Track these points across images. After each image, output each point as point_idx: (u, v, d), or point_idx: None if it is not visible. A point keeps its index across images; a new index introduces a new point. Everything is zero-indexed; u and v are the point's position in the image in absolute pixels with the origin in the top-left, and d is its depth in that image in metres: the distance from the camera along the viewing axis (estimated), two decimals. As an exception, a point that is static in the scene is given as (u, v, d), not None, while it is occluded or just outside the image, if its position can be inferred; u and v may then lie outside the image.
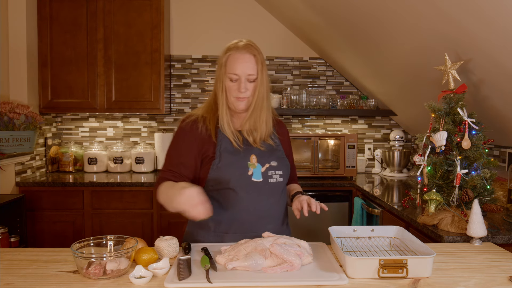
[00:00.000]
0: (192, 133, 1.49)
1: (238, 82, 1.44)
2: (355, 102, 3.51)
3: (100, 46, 3.21)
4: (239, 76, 1.43)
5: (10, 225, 2.69)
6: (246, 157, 1.47)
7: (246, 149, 1.49)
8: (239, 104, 1.46)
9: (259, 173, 1.47)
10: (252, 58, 1.43)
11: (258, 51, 1.46)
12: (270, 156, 1.51)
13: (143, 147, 3.46)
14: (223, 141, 1.48)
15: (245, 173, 1.46)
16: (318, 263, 1.25)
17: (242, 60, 1.42)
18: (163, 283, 1.09)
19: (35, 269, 1.21)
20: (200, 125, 1.49)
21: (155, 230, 3.00)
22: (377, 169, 3.61)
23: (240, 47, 1.44)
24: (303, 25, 3.26)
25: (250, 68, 1.43)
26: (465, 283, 1.12)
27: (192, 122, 1.51)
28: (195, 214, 1.23)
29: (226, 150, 1.46)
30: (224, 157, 1.46)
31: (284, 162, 1.55)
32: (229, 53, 1.44)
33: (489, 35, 1.65)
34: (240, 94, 1.43)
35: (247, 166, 1.46)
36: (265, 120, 1.50)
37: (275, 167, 1.51)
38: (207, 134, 1.48)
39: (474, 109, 1.81)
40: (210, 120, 1.51)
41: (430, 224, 1.73)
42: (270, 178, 1.49)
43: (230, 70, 1.43)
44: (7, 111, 2.68)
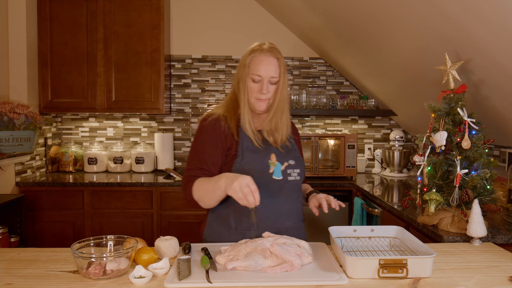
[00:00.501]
0: (216, 130, 1.52)
1: (260, 83, 1.48)
2: (355, 102, 3.51)
3: (100, 46, 3.21)
4: (262, 78, 1.47)
5: (10, 225, 2.69)
6: (267, 156, 1.51)
7: (266, 148, 1.53)
8: (260, 105, 1.50)
9: (279, 171, 1.51)
10: (275, 61, 1.48)
11: (281, 55, 1.51)
12: (287, 155, 1.55)
13: (143, 147, 3.47)
14: (244, 139, 1.51)
15: (266, 171, 1.49)
16: (318, 263, 1.25)
17: (266, 62, 1.46)
18: (163, 283, 1.09)
19: (35, 269, 1.21)
20: (223, 123, 1.53)
21: (155, 230, 3.00)
22: (377, 169, 3.61)
23: (264, 49, 1.48)
24: (303, 25, 3.26)
25: (273, 70, 1.47)
26: (465, 283, 1.12)
27: (214, 120, 1.54)
28: (249, 201, 1.28)
29: (248, 149, 1.50)
30: (247, 155, 1.49)
31: (300, 161, 1.60)
32: (253, 55, 1.48)
33: (489, 35, 1.65)
34: (261, 95, 1.48)
35: (268, 164, 1.50)
36: (286, 122, 1.56)
37: (293, 165, 1.55)
38: (229, 132, 1.52)
39: (474, 109, 1.81)
40: (231, 119, 1.54)
41: (430, 224, 1.73)
42: (289, 176, 1.53)
43: (253, 71, 1.47)
44: (7, 111, 2.68)
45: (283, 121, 1.54)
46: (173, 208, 3.01)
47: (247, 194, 1.27)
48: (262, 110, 1.52)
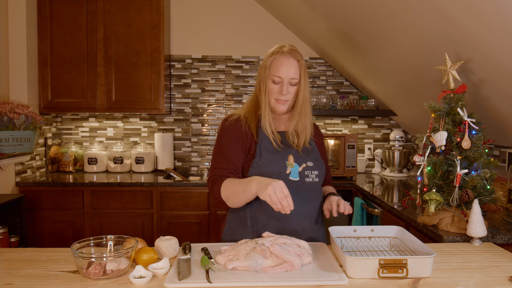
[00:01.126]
0: (236, 130, 1.55)
1: (280, 85, 1.51)
2: (355, 102, 3.51)
3: (100, 46, 3.21)
4: (282, 79, 1.50)
5: (10, 225, 2.69)
6: (285, 157, 1.52)
7: (285, 149, 1.54)
8: (279, 106, 1.53)
9: (296, 173, 1.52)
10: (295, 62, 1.51)
11: (301, 57, 1.54)
12: (306, 157, 1.56)
13: (143, 147, 3.47)
14: (263, 140, 1.53)
15: (283, 171, 1.50)
16: (318, 263, 1.25)
17: (286, 64, 1.50)
18: (163, 283, 1.09)
19: (35, 269, 1.21)
20: (243, 124, 1.56)
21: (155, 230, 3.00)
22: (377, 169, 3.61)
23: (285, 51, 1.51)
24: (303, 25, 3.26)
25: (293, 72, 1.50)
26: (465, 283, 1.12)
27: (235, 121, 1.57)
28: (284, 205, 1.28)
29: (266, 149, 1.52)
30: (264, 155, 1.51)
31: (320, 163, 1.60)
32: (274, 57, 1.51)
33: (489, 35, 1.65)
34: (281, 96, 1.51)
35: (285, 165, 1.51)
36: (309, 123, 1.58)
37: (312, 167, 1.56)
38: (249, 132, 1.55)
39: (474, 109, 1.81)
40: (251, 120, 1.57)
41: (430, 224, 1.73)
42: (307, 177, 1.54)
43: (274, 72, 1.50)
44: (7, 111, 2.68)
45: (307, 122, 1.57)
46: (173, 208, 3.01)
47: (281, 199, 1.28)
48: (282, 111, 1.55)
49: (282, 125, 1.62)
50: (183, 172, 3.40)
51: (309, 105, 1.58)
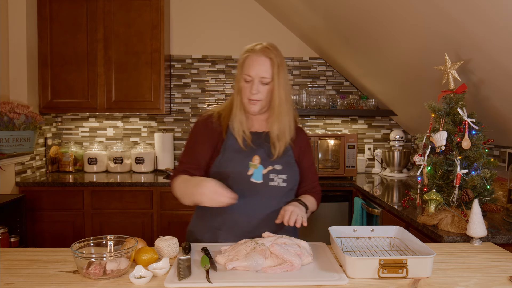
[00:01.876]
0: (206, 126, 1.54)
1: (251, 84, 1.46)
2: (355, 102, 3.51)
3: (100, 46, 3.21)
4: (252, 78, 1.46)
5: (10, 225, 2.69)
6: (249, 157, 1.48)
7: (252, 149, 1.50)
8: (251, 106, 1.48)
9: (259, 175, 1.48)
10: (267, 61, 1.45)
11: (276, 55, 1.46)
12: (276, 159, 1.50)
13: (143, 147, 3.46)
14: (229, 138, 1.51)
15: (244, 172, 1.47)
16: (318, 263, 1.25)
17: (257, 62, 1.45)
18: (163, 283, 1.09)
19: (35, 269, 1.21)
20: (214, 120, 1.54)
21: (155, 230, 3.00)
22: (377, 169, 3.61)
23: (257, 49, 1.47)
24: (303, 25, 3.26)
25: (264, 71, 1.44)
26: (465, 283, 1.12)
27: (207, 116, 1.56)
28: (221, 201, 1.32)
29: (231, 148, 1.50)
30: (227, 154, 1.49)
31: (291, 168, 1.54)
32: (246, 55, 1.48)
33: (489, 35, 1.65)
34: (251, 95, 1.46)
35: (248, 165, 1.47)
36: (288, 123, 1.51)
37: (279, 171, 1.50)
38: (219, 129, 1.53)
39: (474, 109, 1.81)
40: (224, 117, 1.55)
41: (430, 224, 1.73)
42: (271, 181, 1.49)
43: (245, 71, 1.46)
44: (7, 111, 2.68)
45: (284, 122, 1.49)
46: (173, 208, 3.00)
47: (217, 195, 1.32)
48: (253, 111, 1.49)
49: (257, 125, 1.56)
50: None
51: (287, 106, 1.49)
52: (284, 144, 1.51)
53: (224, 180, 1.45)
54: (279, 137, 1.50)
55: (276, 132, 1.50)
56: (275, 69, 1.45)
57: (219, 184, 1.34)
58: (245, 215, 1.48)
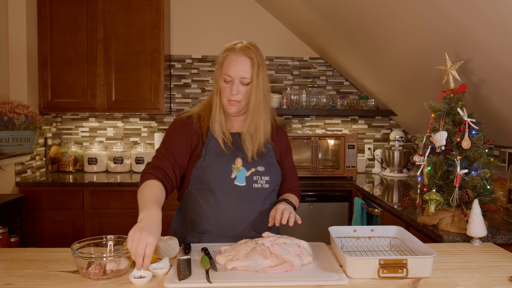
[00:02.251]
0: (186, 127, 1.48)
1: (231, 84, 1.42)
2: (355, 102, 3.51)
3: (100, 46, 3.21)
4: (232, 78, 1.41)
5: (10, 225, 2.69)
6: (232, 160, 1.45)
7: (233, 152, 1.46)
8: (230, 107, 1.45)
9: (243, 177, 1.45)
10: (247, 61, 1.41)
11: (256, 54, 1.42)
12: (258, 161, 1.48)
13: (143, 147, 3.46)
14: (211, 141, 1.47)
15: (227, 175, 1.44)
16: (318, 263, 1.25)
17: (237, 62, 1.40)
18: (163, 283, 1.09)
19: (35, 269, 1.21)
20: (195, 121, 1.49)
21: (155, 230, 3.00)
22: (377, 169, 3.61)
23: (237, 48, 1.42)
24: (303, 25, 3.26)
25: (244, 71, 1.40)
26: (465, 283, 1.12)
27: (187, 117, 1.51)
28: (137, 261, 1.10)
29: (213, 151, 1.45)
30: (209, 157, 1.45)
31: (274, 169, 1.52)
32: (226, 54, 1.43)
33: (489, 35, 1.65)
34: (231, 96, 1.42)
35: (231, 169, 1.45)
36: (263, 125, 1.47)
37: (262, 172, 1.48)
38: (199, 131, 1.48)
39: (474, 109, 1.81)
40: (204, 119, 1.50)
41: (430, 224, 1.73)
42: (255, 183, 1.47)
43: (224, 71, 1.42)
44: (7, 111, 2.68)
45: (260, 123, 1.46)
46: (173, 208, 2.98)
47: (137, 254, 1.08)
48: (232, 112, 1.46)
49: (236, 126, 1.53)
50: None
51: (264, 106, 1.45)
52: (258, 145, 1.47)
53: (206, 184, 1.44)
54: (252, 137, 1.47)
55: (248, 130, 1.47)
56: (255, 69, 1.41)
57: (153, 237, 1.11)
58: (230, 219, 1.46)
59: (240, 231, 1.46)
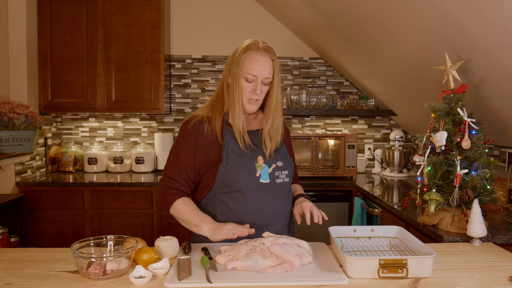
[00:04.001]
0: (197, 135, 1.46)
1: (254, 84, 1.43)
2: (355, 102, 3.51)
3: (100, 46, 3.21)
4: (257, 78, 1.42)
5: (10, 225, 2.69)
6: (253, 159, 1.47)
7: (253, 150, 1.48)
8: (251, 106, 1.46)
9: (266, 174, 1.47)
10: (270, 61, 1.44)
11: (275, 56, 1.47)
12: (276, 157, 1.51)
13: (143, 147, 3.46)
14: (229, 142, 1.46)
15: (253, 174, 1.45)
16: (318, 263, 1.25)
17: (262, 62, 1.42)
18: (163, 283, 1.09)
19: (35, 269, 1.21)
20: (206, 126, 1.47)
21: (155, 230, 3.00)
22: (377, 169, 3.61)
23: (260, 48, 1.43)
24: (303, 25, 3.26)
25: (268, 71, 1.43)
26: (465, 283, 1.12)
27: (197, 123, 1.48)
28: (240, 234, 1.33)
29: (233, 152, 1.45)
30: (232, 159, 1.44)
31: (289, 162, 1.55)
32: (248, 53, 1.42)
33: (489, 35, 1.65)
34: (254, 95, 1.44)
35: (255, 167, 1.46)
36: (281, 123, 1.53)
37: (281, 167, 1.51)
38: (212, 135, 1.46)
39: (474, 109, 1.81)
40: (216, 121, 1.48)
41: (430, 224, 1.73)
42: (277, 178, 1.49)
43: (248, 70, 1.41)
44: (7, 111, 2.68)
45: (279, 123, 1.51)
46: (173, 208, 3.00)
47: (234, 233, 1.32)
48: (252, 111, 1.48)
49: (249, 124, 1.54)
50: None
51: (281, 107, 1.52)
52: (275, 142, 1.51)
53: (234, 186, 1.44)
54: (271, 136, 1.50)
55: (268, 131, 1.50)
56: (276, 70, 1.46)
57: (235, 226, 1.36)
58: (260, 217, 1.47)
59: (269, 227, 1.48)
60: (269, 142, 1.50)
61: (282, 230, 1.51)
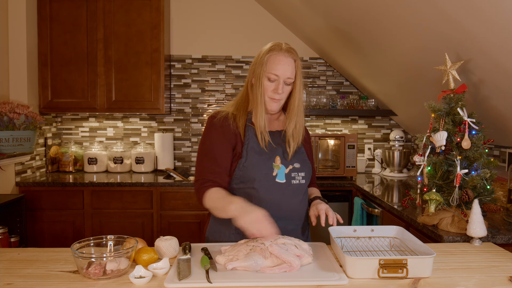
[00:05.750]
0: (224, 128, 1.50)
1: (276, 83, 1.46)
2: (355, 102, 3.51)
3: (100, 46, 3.21)
4: (279, 77, 1.45)
5: (10, 225, 2.69)
6: (272, 158, 1.49)
7: (272, 150, 1.50)
8: (273, 105, 1.49)
9: (282, 175, 1.49)
10: (293, 62, 1.47)
11: (298, 57, 1.49)
12: (293, 158, 1.53)
13: (143, 147, 3.47)
14: (250, 140, 1.49)
15: (270, 173, 1.47)
16: (318, 263, 1.25)
17: (284, 62, 1.45)
18: (163, 283, 1.09)
19: (35, 269, 1.21)
20: (231, 122, 1.51)
21: (155, 230, 3.00)
22: (377, 169, 3.61)
23: (283, 49, 1.47)
24: (303, 25, 3.26)
25: (290, 71, 1.46)
26: (465, 283, 1.12)
27: (223, 118, 1.52)
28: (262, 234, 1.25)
29: (253, 150, 1.48)
30: (251, 157, 1.47)
31: (307, 165, 1.57)
32: (271, 53, 1.46)
33: (489, 35, 1.65)
34: (275, 95, 1.47)
35: (272, 167, 1.48)
36: (303, 124, 1.57)
37: (298, 169, 1.53)
38: (237, 131, 1.50)
39: (474, 109, 1.81)
40: (240, 118, 1.52)
41: (430, 224, 1.73)
42: (293, 179, 1.51)
43: (270, 69, 1.45)
44: (7, 111, 2.68)
45: (302, 125, 1.55)
46: (173, 208, 3.01)
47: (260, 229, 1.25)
48: (274, 110, 1.51)
49: (272, 124, 1.57)
50: (183, 172, 3.40)
51: (303, 108, 1.55)
52: (297, 143, 1.54)
53: (250, 183, 1.46)
54: (294, 137, 1.53)
55: (292, 132, 1.53)
56: (298, 71, 1.49)
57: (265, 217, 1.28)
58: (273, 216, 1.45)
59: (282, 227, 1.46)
60: (292, 141, 1.53)
61: (294, 231, 1.52)
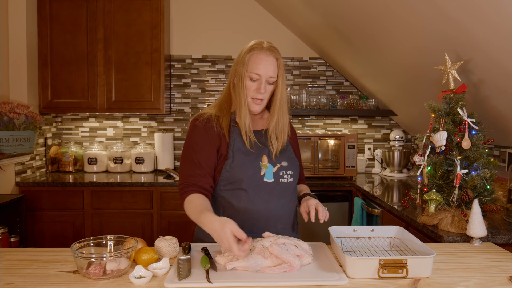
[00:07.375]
0: (207, 130, 1.48)
1: (258, 82, 1.44)
2: (355, 102, 3.51)
3: (100, 46, 3.21)
4: (261, 76, 1.43)
5: (10, 225, 2.69)
6: (259, 158, 1.47)
7: (259, 149, 1.49)
8: (255, 105, 1.47)
9: (270, 174, 1.48)
10: (275, 61, 1.45)
11: (280, 55, 1.47)
12: (280, 156, 1.52)
13: (143, 147, 3.46)
14: (236, 141, 1.47)
15: (258, 173, 1.46)
16: (318, 263, 1.25)
17: (266, 61, 1.43)
18: (163, 283, 1.09)
19: (35, 269, 1.21)
20: (214, 124, 1.49)
21: (155, 230, 3.00)
22: (377, 169, 3.61)
23: (264, 47, 1.44)
24: (304, 25, 3.26)
25: (272, 70, 1.44)
26: (465, 283, 1.12)
27: (206, 120, 1.50)
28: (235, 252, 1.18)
29: (239, 150, 1.46)
30: (237, 157, 1.45)
31: (294, 162, 1.56)
32: (252, 52, 1.44)
33: (489, 35, 1.65)
34: (258, 95, 1.44)
35: (260, 166, 1.47)
36: (287, 125, 1.53)
37: (286, 167, 1.51)
38: (221, 132, 1.48)
39: (474, 109, 1.81)
40: (223, 119, 1.50)
41: (430, 224, 1.73)
42: (281, 178, 1.50)
43: (252, 69, 1.43)
44: (7, 111, 2.68)
45: (285, 123, 1.52)
46: (173, 208, 3.00)
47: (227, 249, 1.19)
48: (256, 111, 1.49)
49: (256, 124, 1.55)
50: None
51: (286, 106, 1.52)
52: (282, 141, 1.52)
53: (237, 184, 1.45)
54: (277, 135, 1.51)
55: (274, 129, 1.50)
56: (280, 69, 1.46)
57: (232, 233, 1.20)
58: (262, 216, 1.47)
59: (272, 226, 1.48)
60: (275, 140, 1.51)
61: (284, 230, 1.51)
